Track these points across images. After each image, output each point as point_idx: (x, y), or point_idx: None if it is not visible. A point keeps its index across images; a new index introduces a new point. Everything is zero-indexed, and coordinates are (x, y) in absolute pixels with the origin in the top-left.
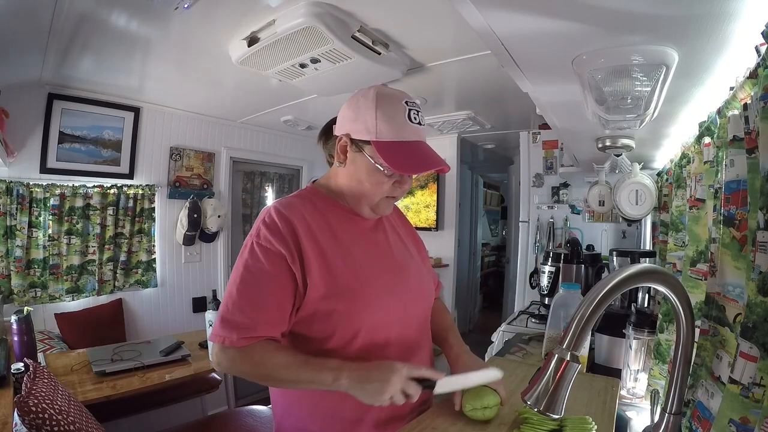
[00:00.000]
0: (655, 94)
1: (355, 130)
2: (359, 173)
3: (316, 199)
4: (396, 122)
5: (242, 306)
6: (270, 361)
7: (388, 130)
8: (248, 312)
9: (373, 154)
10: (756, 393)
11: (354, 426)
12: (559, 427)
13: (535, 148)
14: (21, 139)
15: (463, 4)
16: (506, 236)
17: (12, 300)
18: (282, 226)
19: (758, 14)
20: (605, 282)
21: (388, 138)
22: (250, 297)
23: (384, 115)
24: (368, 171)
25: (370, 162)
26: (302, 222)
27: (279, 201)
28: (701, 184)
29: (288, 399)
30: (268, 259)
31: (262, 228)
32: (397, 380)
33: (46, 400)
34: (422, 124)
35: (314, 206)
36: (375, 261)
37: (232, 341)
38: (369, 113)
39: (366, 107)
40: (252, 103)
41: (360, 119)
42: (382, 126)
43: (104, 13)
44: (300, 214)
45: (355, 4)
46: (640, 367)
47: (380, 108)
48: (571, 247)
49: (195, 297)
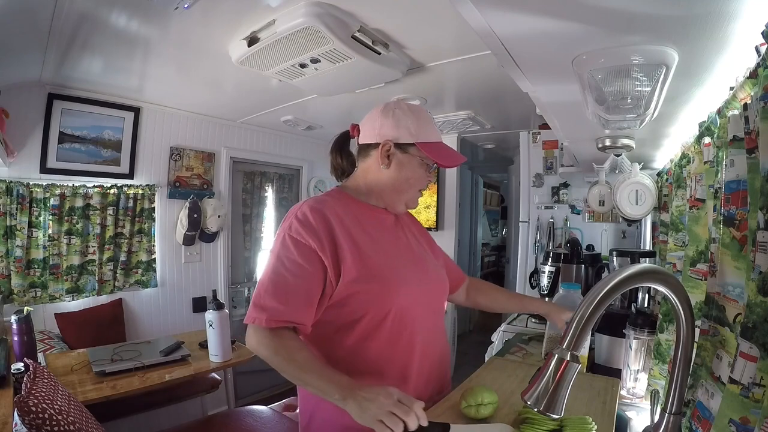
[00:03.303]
0: (655, 94)
1: (398, 136)
2: (406, 172)
3: (342, 197)
4: (431, 126)
5: (273, 292)
6: (291, 355)
7: (427, 133)
8: (279, 297)
9: (418, 153)
10: (756, 393)
11: None
12: (559, 427)
13: (535, 148)
14: (21, 139)
15: (463, 4)
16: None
17: (12, 300)
18: (314, 219)
19: (758, 14)
20: (605, 282)
21: (427, 139)
22: (280, 284)
23: (422, 120)
24: (414, 168)
25: (416, 160)
26: (335, 215)
27: (311, 198)
28: (701, 184)
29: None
30: (300, 253)
31: (294, 222)
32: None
33: (46, 400)
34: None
35: (343, 203)
36: (399, 251)
37: (261, 322)
38: (410, 120)
39: (405, 116)
40: (252, 103)
41: (402, 126)
42: (422, 130)
43: (104, 13)
44: (332, 209)
45: (355, 4)
46: (640, 367)
47: (417, 116)
48: (571, 247)
49: (195, 297)
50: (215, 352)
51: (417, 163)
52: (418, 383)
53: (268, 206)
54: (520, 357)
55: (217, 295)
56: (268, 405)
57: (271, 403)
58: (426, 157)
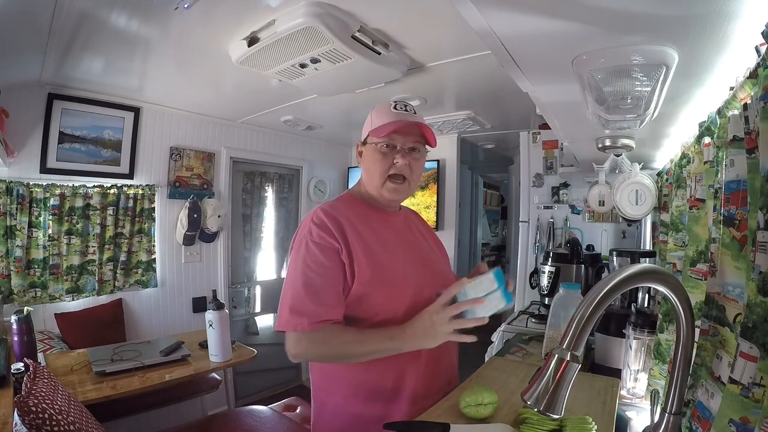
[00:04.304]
0: (655, 94)
1: (362, 135)
2: (366, 162)
3: (353, 201)
4: (384, 111)
5: (308, 296)
6: (339, 338)
7: (378, 119)
8: (314, 301)
9: (372, 139)
10: (756, 393)
11: (391, 404)
12: (559, 427)
13: (535, 148)
14: (21, 139)
15: (463, 4)
16: (506, 236)
17: (12, 300)
18: (331, 223)
19: (758, 14)
20: (605, 282)
21: (378, 123)
22: (313, 288)
23: (376, 111)
24: (371, 154)
25: (371, 147)
26: (347, 219)
27: (324, 204)
28: (701, 184)
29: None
30: (324, 254)
31: (313, 228)
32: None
33: (46, 400)
34: (408, 110)
35: (353, 207)
36: (408, 251)
37: (303, 326)
38: (368, 117)
39: (370, 116)
40: (252, 103)
41: (366, 125)
42: (375, 119)
43: (104, 13)
44: (344, 213)
45: (355, 4)
46: (640, 367)
47: (374, 109)
48: (571, 247)
49: (195, 297)
50: (215, 352)
51: (372, 149)
52: (428, 374)
53: (268, 206)
54: (520, 357)
55: (217, 295)
56: (268, 405)
57: (271, 403)
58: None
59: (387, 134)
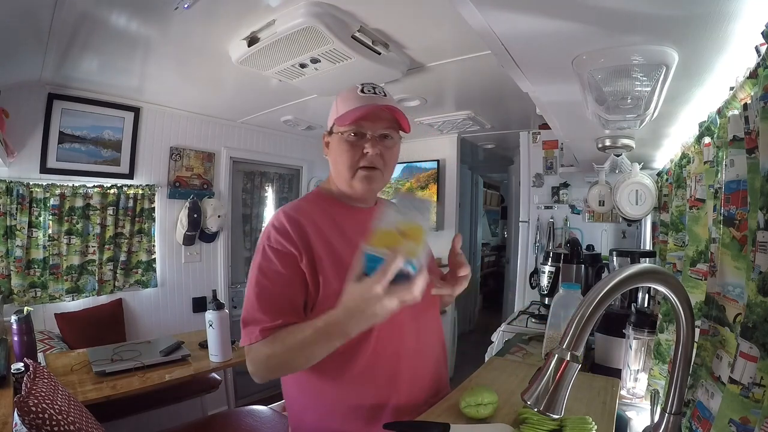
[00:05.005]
0: (655, 94)
1: (328, 123)
2: (333, 153)
3: (320, 200)
4: (350, 96)
5: (260, 306)
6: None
7: (344, 105)
8: (265, 309)
9: (337, 128)
10: (756, 393)
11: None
12: (559, 427)
13: (535, 148)
14: (21, 139)
15: (463, 4)
16: (506, 236)
17: (12, 300)
18: (291, 228)
19: (758, 14)
20: (605, 282)
21: (344, 110)
22: (266, 297)
23: (342, 96)
24: (337, 144)
25: (337, 136)
26: (311, 223)
27: (287, 205)
28: (701, 184)
29: (307, 396)
30: (281, 261)
31: (272, 231)
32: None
33: (46, 400)
34: (377, 93)
35: (320, 207)
36: None
37: (256, 336)
38: (334, 104)
39: (335, 102)
40: (252, 103)
41: (331, 112)
42: (340, 105)
43: (104, 13)
44: (308, 215)
45: (355, 4)
46: (640, 367)
47: (339, 96)
48: (571, 247)
49: (195, 297)
50: (215, 352)
51: (338, 139)
52: (412, 389)
53: (268, 206)
54: (520, 357)
55: (217, 295)
56: (268, 405)
57: (271, 403)
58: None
59: (354, 121)
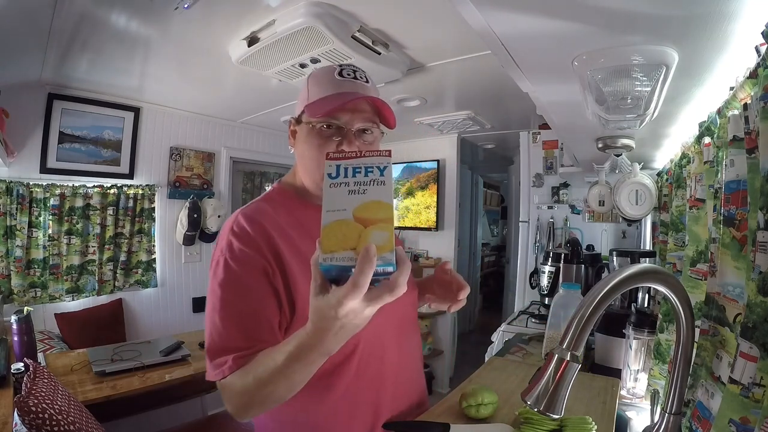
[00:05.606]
0: (655, 94)
1: (297, 109)
2: (301, 146)
3: (284, 199)
4: (325, 79)
5: (229, 330)
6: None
7: (317, 90)
8: (238, 334)
9: (307, 117)
10: (756, 393)
11: None
12: (559, 427)
13: (535, 148)
14: (21, 139)
15: (463, 4)
16: (506, 236)
17: (12, 300)
18: (255, 233)
19: (758, 14)
20: (605, 282)
21: (317, 96)
22: (234, 319)
23: (314, 79)
24: (305, 137)
25: (306, 127)
26: (276, 227)
27: (245, 207)
28: (701, 184)
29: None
30: (246, 273)
31: (233, 241)
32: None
33: (46, 400)
34: (359, 79)
35: (285, 208)
36: None
37: (230, 367)
38: (304, 87)
39: (306, 85)
40: (252, 103)
41: (301, 96)
42: (312, 89)
43: (104, 13)
44: (272, 219)
45: (355, 4)
46: (640, 367)
47: (311, 77)
48: (571, 247)
49: (195, 297)
50: None
51: (308, 130)
52: (393, 407)
53: None
54: (520, 357)
55: None
56: None
57: None
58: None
59: (328, 113)
